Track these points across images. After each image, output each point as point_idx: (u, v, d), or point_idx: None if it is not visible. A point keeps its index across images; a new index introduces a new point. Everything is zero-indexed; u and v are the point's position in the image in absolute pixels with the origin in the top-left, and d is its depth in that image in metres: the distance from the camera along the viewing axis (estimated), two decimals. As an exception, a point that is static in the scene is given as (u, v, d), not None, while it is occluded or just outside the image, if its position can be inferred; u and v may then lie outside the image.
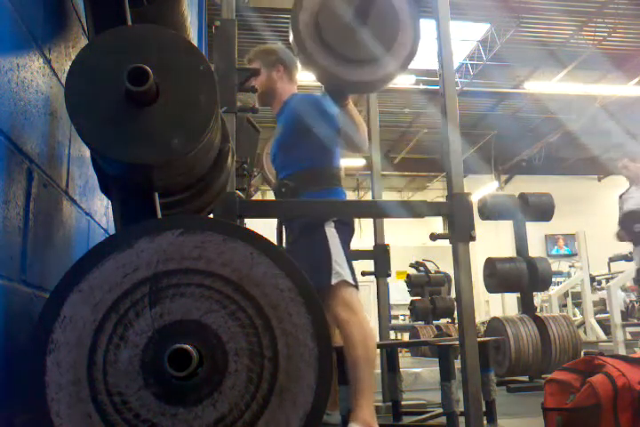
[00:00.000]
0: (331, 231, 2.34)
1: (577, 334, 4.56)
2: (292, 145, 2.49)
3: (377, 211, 2.46)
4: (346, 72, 1.72)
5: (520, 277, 4.62)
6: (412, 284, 8.58)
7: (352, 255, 2.49)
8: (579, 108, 11.75)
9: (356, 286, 2.33)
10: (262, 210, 2.13)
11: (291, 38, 1.97)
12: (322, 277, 2.24)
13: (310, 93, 2.82)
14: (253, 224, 1.58)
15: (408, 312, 9.32)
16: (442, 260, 8.00)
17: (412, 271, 8.89)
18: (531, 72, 11.00)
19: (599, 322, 7.52)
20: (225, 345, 1.06)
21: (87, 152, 1.60)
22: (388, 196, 13.52)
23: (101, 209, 1.92)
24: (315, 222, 2.35)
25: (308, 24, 1.70)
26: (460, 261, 2.00)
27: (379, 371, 3.32)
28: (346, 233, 2.41)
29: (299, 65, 2.70)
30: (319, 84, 2.30)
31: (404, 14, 1.76)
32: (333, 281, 2.25)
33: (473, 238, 2.00)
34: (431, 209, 2.19)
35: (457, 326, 2.07)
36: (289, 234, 2.56)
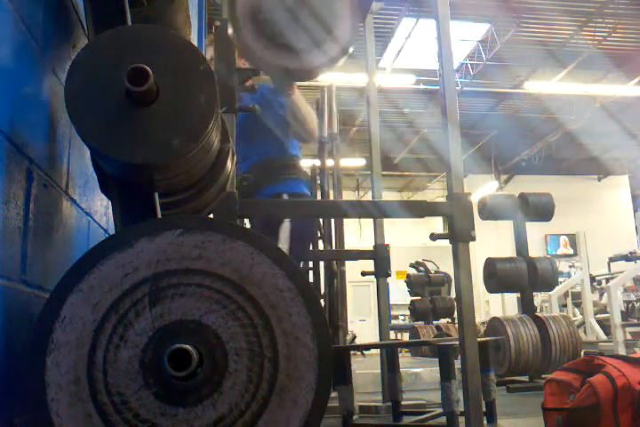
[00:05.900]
0: None
1: (577, 334, 4.57)
2: (250, 136, 2.53)
3: (377, 211, 2.46)
4: (281, 59, 1.77)
5: (520, 277, 4.63)
6: (412, 284, 8.59)
7: (352, 255, 2.50)
8: (579, 109, 11.75)
9: None
10: (262, 210, 2.13)
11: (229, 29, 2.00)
12: None
13: (263, 84, 2.86)
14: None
15: (408, 312, 9.33)
16: (442, 260, 8.00)
17: (412, 271, 8.90)
18: (531, 72, 11.00)
19: (599, 322, 7.52)
20: (225, 345, 1.06)
21: (87, 152, 1.60)
22: (387, 196, 13.52)
23: (101, 209, 1.92)
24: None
25: (245, 11, 1.75)
26: (460, 261, 2.00)
27: (379, 371, 3.32)
28: None
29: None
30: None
31: (341, 3, 1.81)
32: None
33: (473, 238, 2.00)
34: (431, 209, 2.19)
35: (457, 326, 2.07)
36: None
